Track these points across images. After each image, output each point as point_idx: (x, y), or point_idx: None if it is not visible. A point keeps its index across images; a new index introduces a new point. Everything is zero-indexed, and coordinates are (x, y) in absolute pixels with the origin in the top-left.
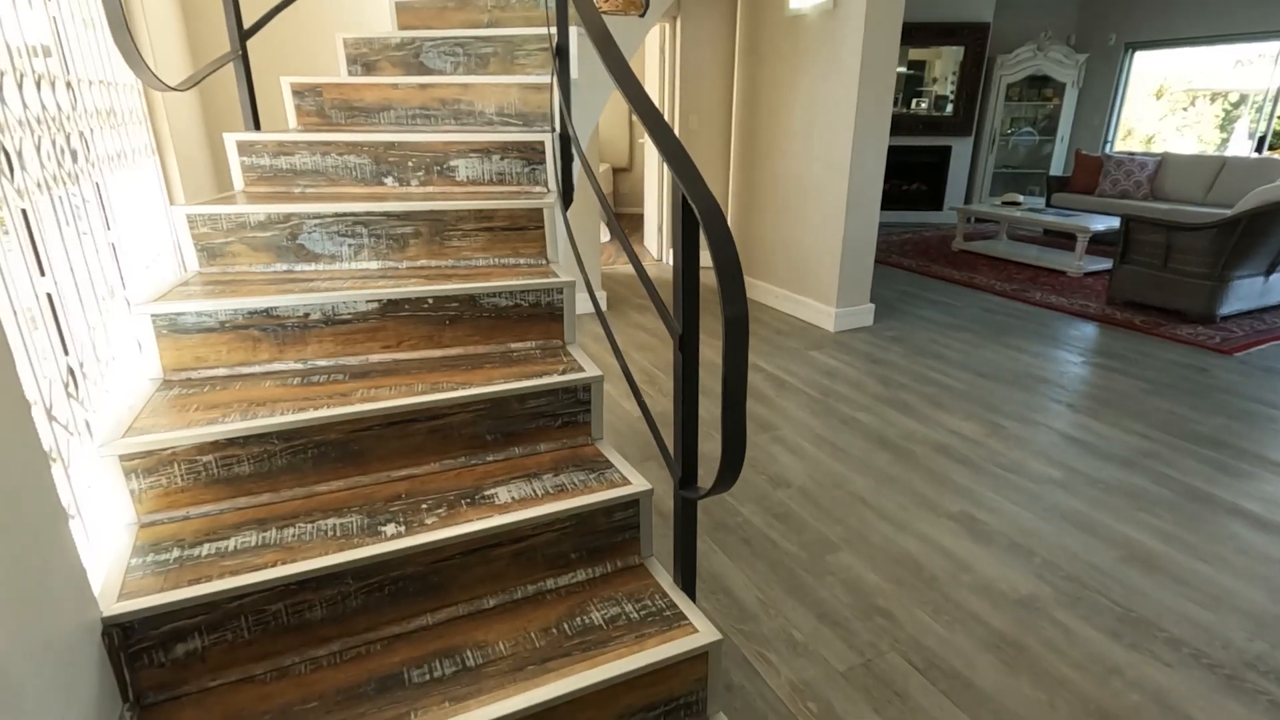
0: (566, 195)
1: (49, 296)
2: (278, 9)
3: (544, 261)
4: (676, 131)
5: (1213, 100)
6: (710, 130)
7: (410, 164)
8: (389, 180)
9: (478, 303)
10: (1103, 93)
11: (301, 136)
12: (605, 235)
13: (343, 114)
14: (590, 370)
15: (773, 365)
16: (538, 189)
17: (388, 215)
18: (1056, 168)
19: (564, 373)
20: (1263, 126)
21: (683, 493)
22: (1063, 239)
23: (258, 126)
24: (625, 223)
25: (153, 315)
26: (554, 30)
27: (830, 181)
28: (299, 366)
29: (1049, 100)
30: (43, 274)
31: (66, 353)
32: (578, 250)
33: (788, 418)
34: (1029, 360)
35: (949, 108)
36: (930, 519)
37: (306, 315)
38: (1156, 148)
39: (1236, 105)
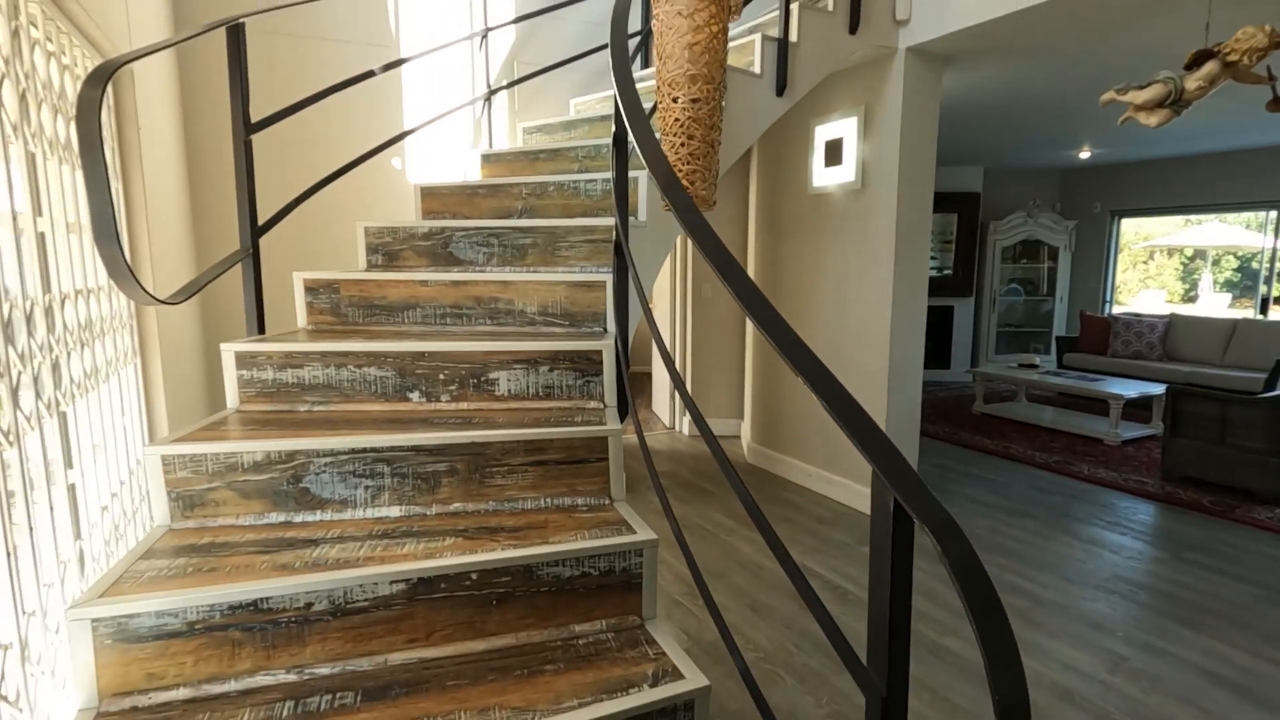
0: (623, 408)
1: None
2: (295, 203)
3: (606, 501)
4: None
5: (1170, 255)
6: (725, 299)
7: (442, 376)
8: (415, 395)
9: (534, 574)
10: (1095, 255)
11: (313, 346)
12: None
13: (361, 312)
14: (692, 677)
15: (826, 568)
16: (593, 404)
17: (416, 450)
18: (1059, 327)
19: (655, 682)
20: (1262, 288)
21: None
22: (1083, 401)
23: (262, 329)
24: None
25: (94, 620)
26: (613, 220)
27: (868, 359)
28: (292, 679)
29: (1044, 263)
30: None
31: None
32: (649, 455)
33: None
34: (1111, 557)
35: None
36: None
37: (309, 605)
38: (1124, 298)
39: (1192, 259)
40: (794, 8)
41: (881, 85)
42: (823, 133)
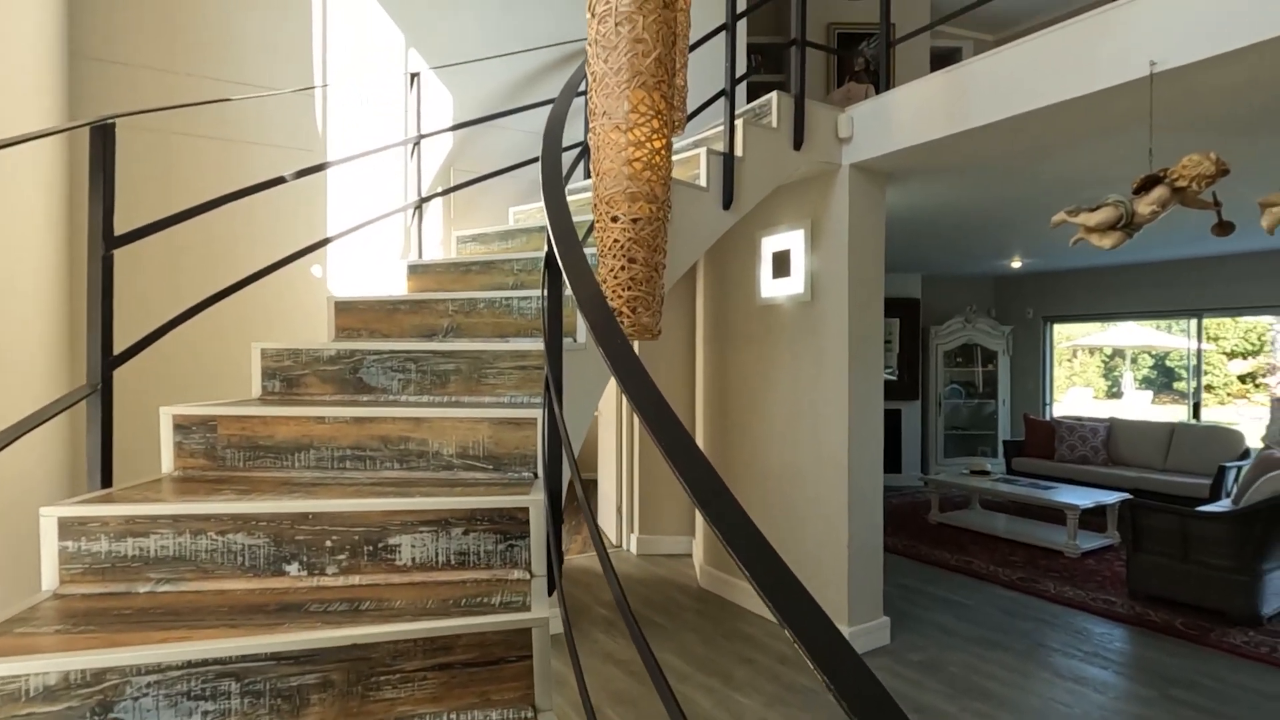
0: (553, 578)
1: None
2: (170, 326)
3: (529, 714)
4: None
5: (1091, 353)
6: (677, 402)
7: (329, 543)
8: (294, 568)
9: None
10: (1032, 359)
11: (162, 509)
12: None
13: (243, 455)
14: None
15: None
16: (516, 575)
17: (276, 659)
18: (1003, 429)
19: None
20: (1191, 390)
21: None
22: (1036, 507)
23: (108, 482)
24: (569, 495)
25: None
26: (540, 343)
27: (826, 477)
28: None
29: (984, 366)
30: None
31: None
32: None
33: None
34: (1096, 698)
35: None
36: None
37: None
38: (1054, 395)
39: (1111, 357)
40: (739, 123)
41: (827, 199)
42: (769, 244)
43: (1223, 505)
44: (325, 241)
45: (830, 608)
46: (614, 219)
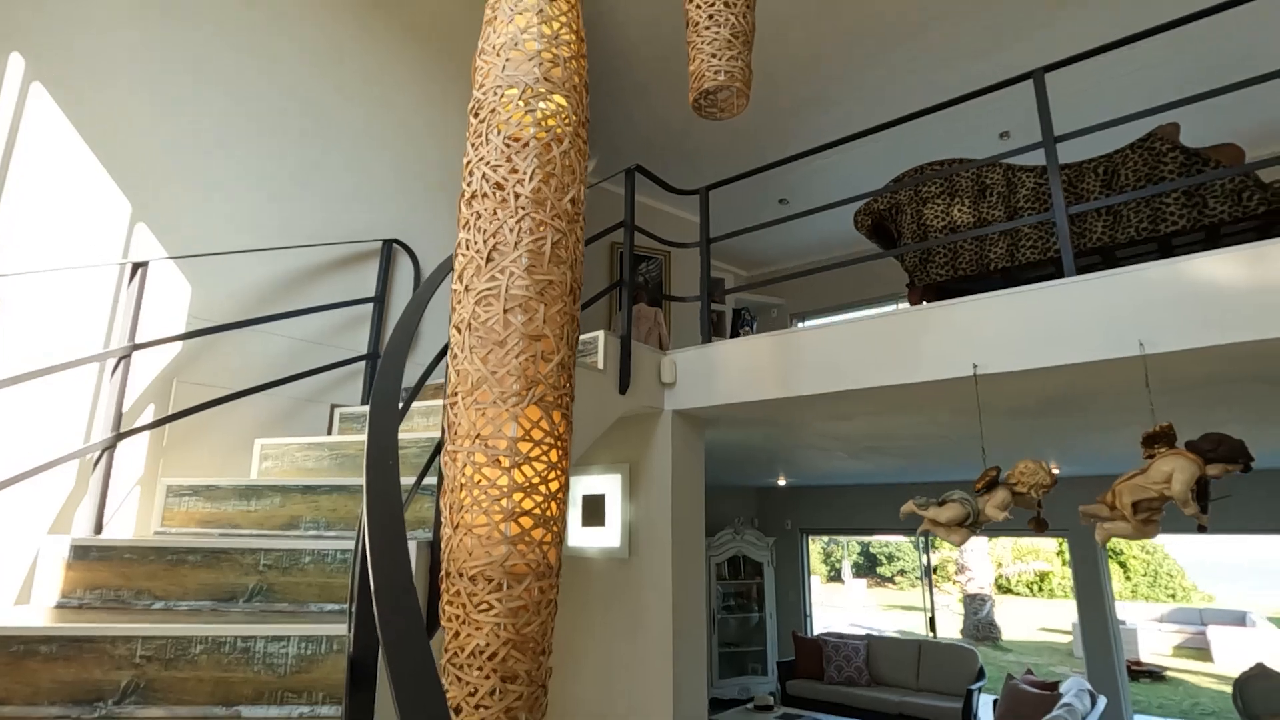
0: None
1: None
2: None
3: None
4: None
5: (813, 541)
6: None
7: None
8: None
9: None
10: (792, 570)
11: None
12: None
13: None
14: None
15: None
16: None
17: None
18: (772, 644)
19: None
20: (925, 603)
21: None
22: None
23: None
24: None
25: None
26: None
27: None
28: None
29: (753, 578)
30: None
31: None
32: None
33: None
34: None
35: None
36: None
37: None
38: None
39: (828, 543)
40: None
41: (648, 443)
42: (580, 486)
43: None
44: None
45: None
46: (483, 607)
